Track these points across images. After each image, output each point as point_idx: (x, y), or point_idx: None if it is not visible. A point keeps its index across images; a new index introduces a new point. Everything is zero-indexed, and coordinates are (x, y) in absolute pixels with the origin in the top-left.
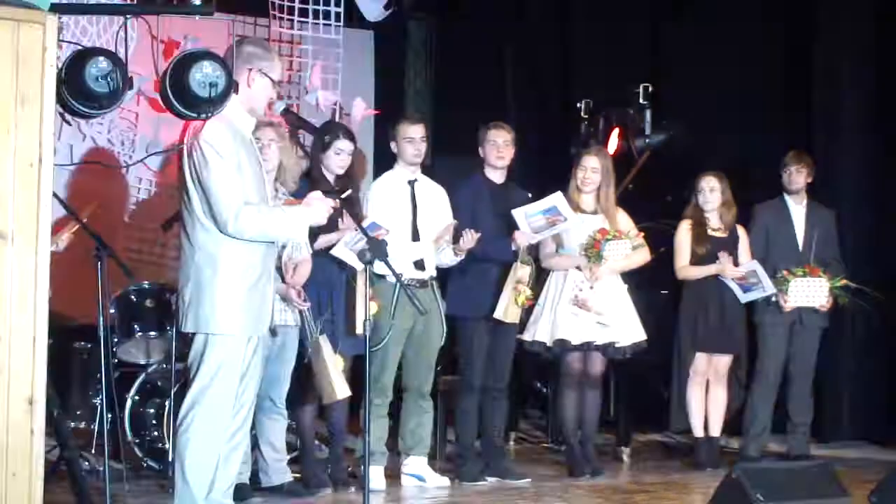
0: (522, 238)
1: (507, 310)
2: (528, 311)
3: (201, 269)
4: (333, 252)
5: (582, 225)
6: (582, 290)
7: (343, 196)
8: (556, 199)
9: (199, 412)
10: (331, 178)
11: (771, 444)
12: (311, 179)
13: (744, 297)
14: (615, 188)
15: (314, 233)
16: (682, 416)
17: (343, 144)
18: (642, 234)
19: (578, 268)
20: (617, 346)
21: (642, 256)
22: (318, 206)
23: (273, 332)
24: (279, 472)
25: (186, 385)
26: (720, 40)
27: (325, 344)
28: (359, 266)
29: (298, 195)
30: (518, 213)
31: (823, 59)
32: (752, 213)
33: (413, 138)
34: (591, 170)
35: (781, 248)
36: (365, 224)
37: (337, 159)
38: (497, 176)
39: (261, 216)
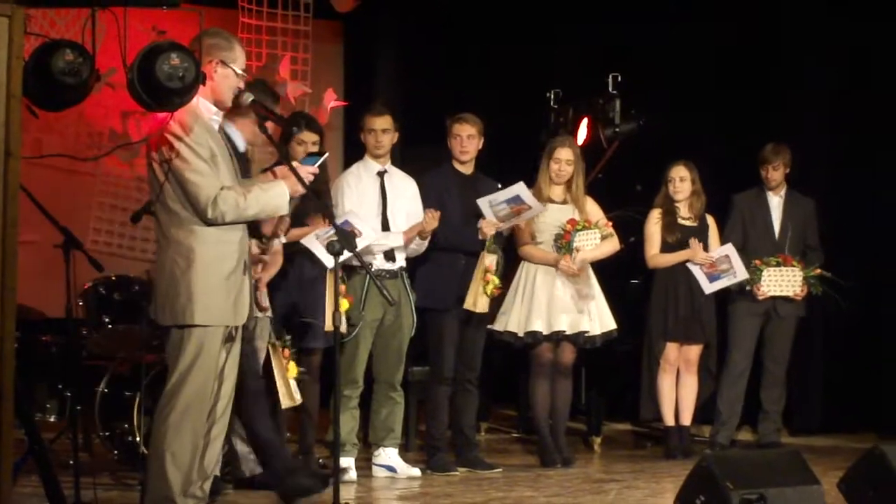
0: (488, 227)
1: (476, 300)
2: (497, 301)
3: (176, 262)
4: (304, 242)
5: (553, 214)
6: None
7: (322, 159)
8: (519, 188)
9: (176, 405)
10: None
11: (741, 432)
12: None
13: (709, 287)
14: (584, 178)
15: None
16: (653, 405)
17: (306, 136)
18: (611, 223)
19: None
20: (588, 335)
21: (612, 246)
22: (294, 176)
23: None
24: (250, 464)
25: (165, 378)
26: (690, 29)
27: (277, 351)
28: (328, 261)
29: None
30: (483, 203)
31: (792, 49)
32: (731, 202)
33: (375, 130)
34: (565, 162)
35: (757, 238)
36: (338, 221)
37: (300, 150)
38: (465, 167)
39: (240, 197)
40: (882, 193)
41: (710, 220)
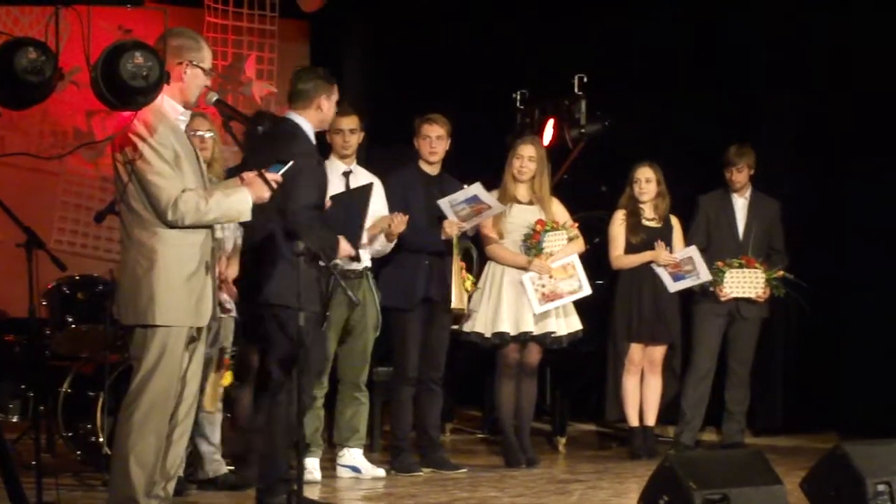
0: (451, 227)
1: (461, 297)
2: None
3: (138, 262)
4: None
5: (520, 214)
6: (545, 286)
7: (288, 167)
8: (476, 188)
9: (140, 405)
10: None
11: (705, 433)
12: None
13: (673, 287)
14: (550, 178)
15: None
16: (618, 405)
17: None
18: (576, 224)
19: (524, 268)
20: (554, 335)
21: (578, 247)
22: (259, 183)
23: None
24: (214, 464)
25: (129, 378)
26: (655, 30)
27: (221, 356)
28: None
29: None
30: (443, 204)
31: (757, 50)
32: (695, 203)
33: (342, 130)
34: (528, 158)
35: (721, 240)
36: None
37: None
38: (432, 168)
39: (201, 200)
40: (845, 195)
41: (675, 221)
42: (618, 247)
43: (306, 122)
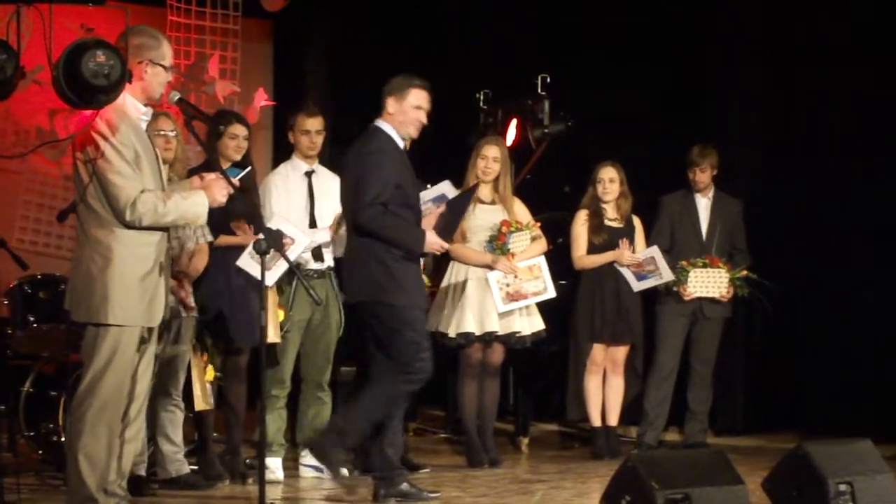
0: None
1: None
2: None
3: (93, 260)
4: (240, 264)
5: (483, 214)
6: (509, 285)
7: (245, 173)
8: (445, 186)
9: (91, 404)
10: (227, 166)
11: (668, 433)
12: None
13: (637, 286)
14: (512, 179)
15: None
16: (580, 406)
17: (237, 129)
18: (539, 224)
19: (489, 267)
20: (519, 335)
21: (541, 247)
22: (217, 188)
23: (167, 321)
24: (176, 464)
25: (80, 377)
26: (618, 30)
27: (196, 354)
28: (268, 279)
29: None
30: None
31: (719, 51)
32: (659, 204)
33: (309, 131)
34: (492, 159)
35: (685, 240)
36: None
37: (233, 144)
38: None
39: (159, 202)
40: (806, 195)
41: (637, 221)
42: (580, 247)
43: (386, 124)
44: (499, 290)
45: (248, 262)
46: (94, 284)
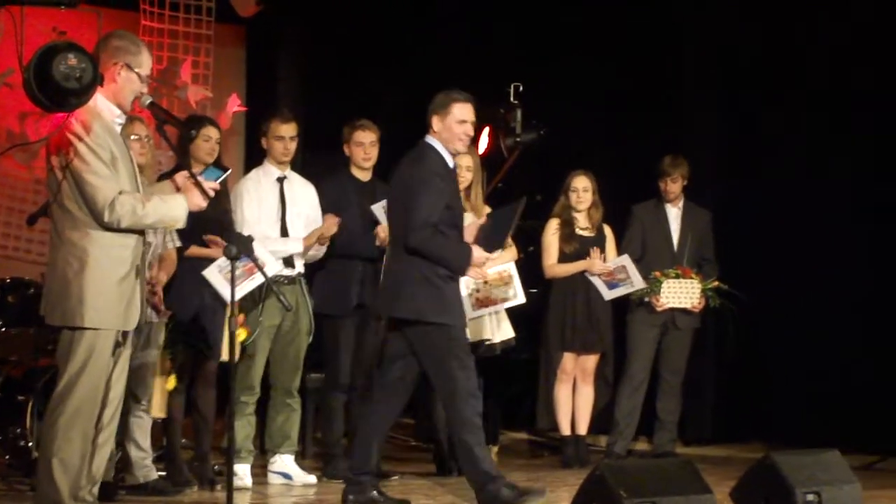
0: (384, 232)
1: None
2: None
3: (69, 263)
4: (205, 274)
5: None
6: (479, 291)
7: (225, 175)
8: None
9: (66, 408)
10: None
11: (638, 442)
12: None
13: (608, 294)
14: (484, 187)
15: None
16: (550, 414)
17: (210, 131)
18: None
19: None
20: (489, 343)
21: (511, 255)
22: (197, 191)
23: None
24: (144, 470)
25: (55, 381)
26: (589, 40)
27: (163, 361)
28: (227, 295)
29: None
30: (377, 209)
31: (692, 61)
32: (630, 213)
33: (283, 137)
34: (465, 168)
35: (656, 250)
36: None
37: (206, 146)
38: (364, 174)
39: (138, 204)
40: (774, 206)
41: (608, 230)
42: (551, 255)
43: (435, 141)
44: (468, 297)
45: (214, 275)
46: (70, 287)
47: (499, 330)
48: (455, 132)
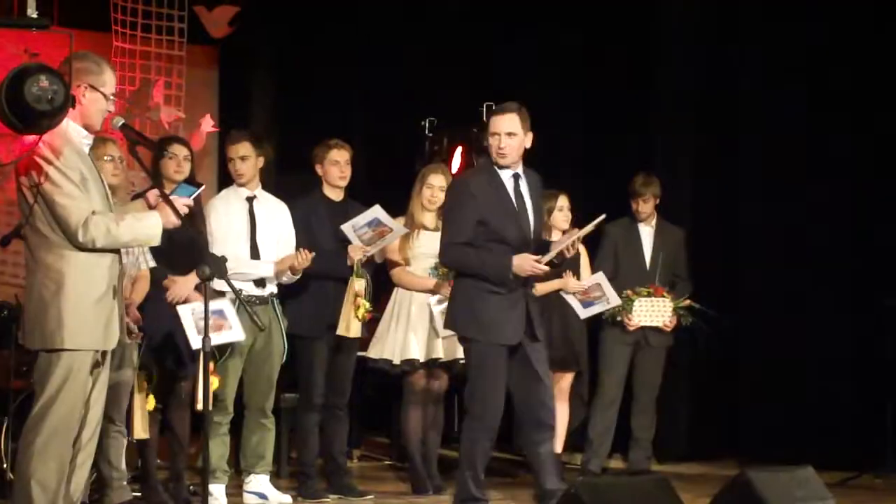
0: (355, 251)
1: (349, 325)
2: (368, 327)
3: (45, 286)
4: (179, 310)
5: (427, 241)
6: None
7: (198, 192)
8: (376, 211)
9: (42, 430)
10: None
11: (613, 460)
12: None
13: (584, 313)
14: None
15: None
16: None
17: (176, 149)
18: None
19: (431, 291)
20: (462, 362)
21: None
22: (170, 209)
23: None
24: (118, 490)
25: (27, 401)
26: (561, 59)
27: (136, 382)
28: (195, 342)
29: None
30: (346, 228)
31: (665, 75)
32: (602, 232)
33: (233, 158)
34: (438, 188)
35: (629, 268)
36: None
37: (172, 163)
38: (336, 194)
39: (111, 223)
40: (747, 222)
41: (581, 249)
42: None
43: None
44: (440, 314)
45: (187, 317)
46: (48, 310)
47: None
48: (493, 146)
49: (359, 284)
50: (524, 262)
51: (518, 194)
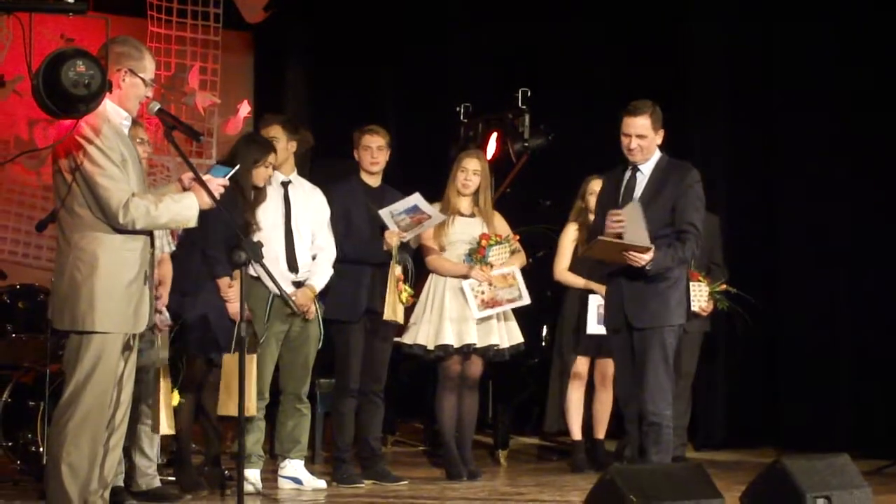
0: (392, 237)
1: (395, 309)
2: (406, 312)
3: (77, 267)
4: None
5: (462, 227)
6: (484, 293)
7: (233, 171)
8: (416, 198)
9: (75, 412)
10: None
11: None
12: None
13: (593, 327)
14: (492, 192)
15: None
16: (560, 418)
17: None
18: (518, 238)
19: (465, 276)
20: (497, 349)
21: (520, 261)
22: (203, 191)
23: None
24: (148, 477)
25: (63, 385)
26: (599, 46)
27: (163, 376)
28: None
29: None
30: (384, 213)
31: (699, 63)
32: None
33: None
34: (473, 172)
35: None
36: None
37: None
38: (373, 179)
39: (151, 205)
40: (785, 207)
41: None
42: (564, 259)
43: None
44: (474, 298)
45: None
46: (79, 292)
47: (508, 335)
48: (623, 145)
49: (398, 270)
50: None
51: (629, 189)
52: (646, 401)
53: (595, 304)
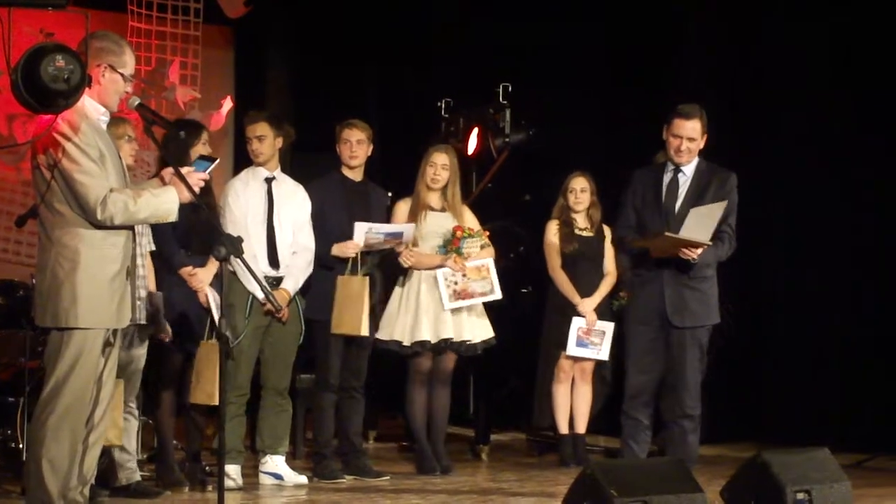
0: (347, 248)
1: (360, 324)
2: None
3: (59, 264)
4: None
5: (434, 221)
6: (457, 283)
7: (213, 165)
8: (407, 229)
9: (55, 408)
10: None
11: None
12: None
13: (572, 350)
14: (473, 187)
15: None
16: (547, 412)
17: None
18: (487, 233)
19: (439, 266)
20: (469, 343)
21: (489, 254)
22: (183, 185)
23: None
24: (128, 472)
25: (43, 381)
26: (581, 41)
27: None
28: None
29: None
30: (360, 227)
31: (684, 55)
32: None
33: (251, 138)
34: (441, 166)
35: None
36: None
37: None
38: (353, 174)
39: (129, 200)
40: (769, 203)
41: (607, 230)
42: (554, 257)
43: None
44: (446, 288)
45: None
46: (62, 288)
47: (479, 330)
48: (671, 145)
49: (361, 283)
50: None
51: (671, 189)
52: (684, 396)
53: (576, 326)
